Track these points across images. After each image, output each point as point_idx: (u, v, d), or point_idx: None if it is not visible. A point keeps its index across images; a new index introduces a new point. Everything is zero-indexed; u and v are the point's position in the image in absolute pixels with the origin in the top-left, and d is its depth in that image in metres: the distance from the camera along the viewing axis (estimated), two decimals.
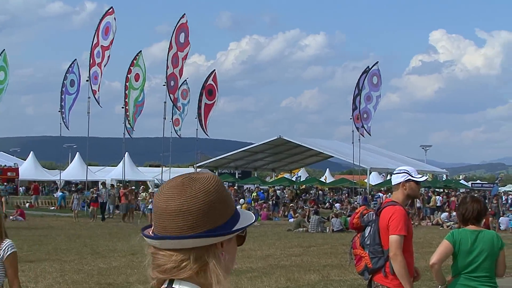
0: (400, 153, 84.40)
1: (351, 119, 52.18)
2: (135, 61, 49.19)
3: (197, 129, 57.17)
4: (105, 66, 46.91)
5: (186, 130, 60.88)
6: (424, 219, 42.34)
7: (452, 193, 52.38)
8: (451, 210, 40.29)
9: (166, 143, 54.09)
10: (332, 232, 32.37)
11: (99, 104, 47.96)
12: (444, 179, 70.65)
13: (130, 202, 39.45)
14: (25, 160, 72.20)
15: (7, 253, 6.06)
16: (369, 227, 6.82)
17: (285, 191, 61.51)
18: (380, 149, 78.72)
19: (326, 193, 67.77)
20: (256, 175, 78.02)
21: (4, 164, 70.01)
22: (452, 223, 35.19)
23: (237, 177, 72.20)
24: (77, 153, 69.08)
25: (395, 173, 6.90)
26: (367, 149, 64.40)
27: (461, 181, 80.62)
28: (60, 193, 54.97)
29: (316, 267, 17.71)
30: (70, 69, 50.80)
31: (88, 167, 55.71)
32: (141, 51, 50.94)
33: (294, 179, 75.86)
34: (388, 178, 61.65)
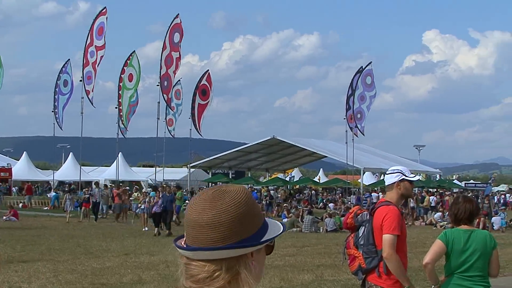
0: (393, 153, 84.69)
1: (344, 119, 52.23)
2: (128, 61, 49.14)
3: (190, 129, 57.19)
4: (98, 65, 46.85)
5: (179, 130, 60.87)
6: (417, 219, 42.39)
7: (446, 193, 52.44)
8: (444, 210, 40.32)
9: (159, 143, 54.05)
10: (325, 232, 32.39)
11: (92, 104, 47.90)
12: (437, 179, 70.81)
13: (123, 202, 39.44)
14: (19, 160, 71.96)
15: None
16: (363, 227, 6.82)
17: (278, 191, 61.49)
18: (373, 149, 78.89)
19: (319, 193, 67.76)
20: (249, 175, 77.99)
21: None
22: (445, 223, 35.20)
23: (230, 177, 72.11)
24: (71, 153, 69.02)
25: (389, 173, 6.90)
26: (361, 149, 64.53)
27: (454, 181, 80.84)
28: (53, 193, 54.91)
29: (310, 267, 17.70)
30: (63, 69, 50.71)
31: (81, 167, 55.67)
32: (134, 51, 50.89)
33: (287, 179, 75.88)
34: (381, 178, 61.71)
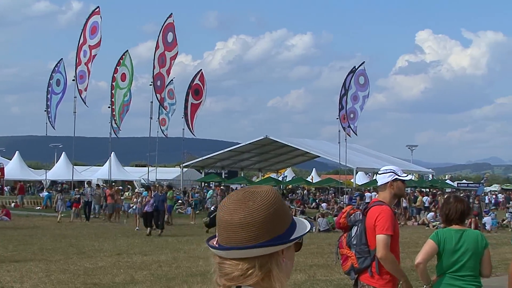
0: (386, 153, 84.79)
1: (337, 119, 52.26)
2: (121, 61, 49.10)
3: (183, 129, 57.25)
4: (91, 64, 46.75)
5: (172, 129, 60.85)
6: (410, 219, 42.43)
7: (438, 193, 52.48)
8: (437, 210, 40.33)
9: (152, 143, 54.04)
10: (318, 232, 32.35)
11: (85, 103, 47.82)
12: (430, 179, 70.94)
13: (116, 202, 39.37)
14: (11, 159, 71.72)
15: None
16: (356, 227, 6.82)
17: None
18: (366, 149, 78.97)
19: (311, 192, 67.72)
20: (242, 175, 77.94)
21: None
22: (438, 223, 35.19)
23: (223, 177, 72.10)
24: (63, 152, 68.84)
25: (381, 173, 6.89)
26: (354, 149, 64.58)
27: (447, 181, 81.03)
28: (46, 193, 54.76)
29: (302, 267, 17.69)
30: (56, 68, 50.59)
31: (74, 166, 55.50)
32: (127, 50, 50.85)
33: (280, 179, 75.88)
34: (374, 178, 61.74)
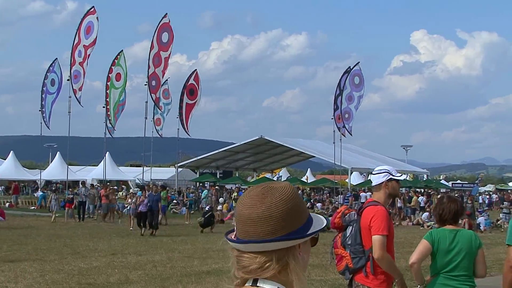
0: (381, 153, 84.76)
1: (332, 119, 52.27)
2: (116, 61, 49.02)
3: (178, 129, 57.23)
4: (87, 63, 46.65)
5: (167, 129, 60.91)
6: (404, 219, 42.50)
7: (432, 193, 52.54)
8: (432, 210, 40.42)
9: (147, 143, 53.91)
10: None
11: (80, 103, 47.70)
12: (424, 179, 70.98)
13: (111, 202, 39.34)
14: (5, 159, 71.53)
15: None
16: (351, 227, 6.82)
17: None
18: (361, 149, 78.97)
19: (305, 192, 67.55)
20: (237, 175, 77.96)
21: None
22: (432, 223, 35.30)
23: (218, 177, 72.12)
24: (58, 152, 68.68)
25: (376, 173, 6.88)
26: (348, 149, 64.54)
27: (441, 181, 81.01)
28: (40, 193, 54.71)
29: None
30: (51, 68, 50.47)
31: (68, 166, 55.45)
32: (122, 50, 50.76)
33: (275, 179, 75.82)
34: (369, 178, 61.78)
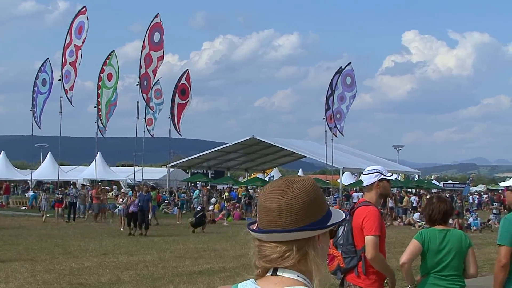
0: (372, 153, 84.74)
1: (324, 119, 52.32)
2: (108, 61, 48.97)
3: (170, 129, 57.21)
4: (79, 65, 46.57)
5: (159, 129, 60.76)
6: (396, 219, 42.59)
7: (421, 193, 52.63)
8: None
9: (139, 143, 53.91)
10: None
11: (71, 103, 47.61)
12: (416, 179, 71.10)
13: (102, 202, 39.31)
14: None
15: None
16: (342, 227, 6.80)
17: (256, 191, 61.18)
18: (352, 149, 78.96)
19: None
20: (229, 175, 77.92)
21: None
22: (423, 223, 35.32)
23: (210, 177, 72.09)
24: (49, 152, 68.59)
25: (367, 173, 6.88)
26: (340, 149, 64.62)
27: (433, 181, 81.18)
28: (31, 193, 54.57)
29: None
30: (42, 68, 50.37)
31: (60, 166, 55.33)
32: (114, 50, 50.72)
33: (267, 179, 75.78)
34: (360, 178, 61.78)
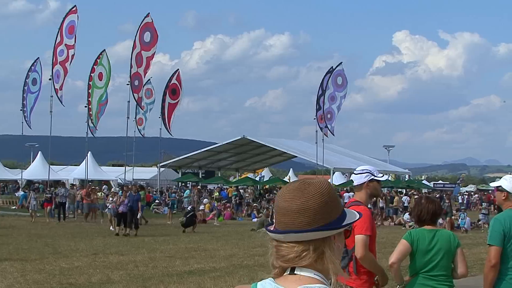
0: (363, 153, 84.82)
1: (314, 119, 52.32)
2: (98, 60, 48.85)
3: (160, 129, 57.20)
4: (70, 64, 46.45)
5: (149, 129, 60.83)
6: (386, 219, 42.66)
7: (410, 193, 52.68)
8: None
9: (129, 143, 53.76)
10: None
11: (61, 103, 47.49)
12: (406, 179, 71.24)
13: (92, 201, 39.24)
14: None
15: None
16: None
17: (246, 190, 61.22)
18: (343, 149, 79.05)
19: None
20: (219, 175, 77.92)
21: None
22: (414, 223, 35.43)
23: (200, 176, 72.09)
24: (39, 152, 68.34)
25: (357, 173, 6.91)
26: (331, 149, 64.66)
27: (423, 181, 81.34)
28: (21, 193, 54.42)
29: None
30: (32, 67, 50.22)
31: (50, 166, 55.16)
32: (104, 50, 50.59)
33: (257, 179, 75.82)
34: (351, 178, 61.78)
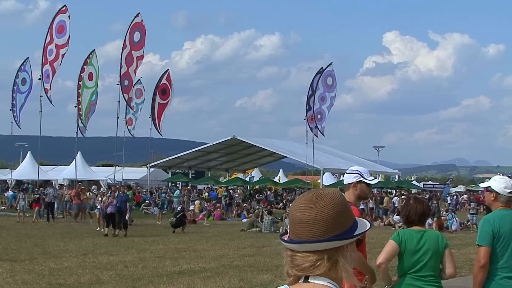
0: (353, 153, 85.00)
1: (305, 119, 52.41)
2: (88, 60, 48.79)
3: (150, 129, 57.13)
4: (60, 64, 46.33)
5: (139, 129, 60.58)
6: (376, 220, 42.73)
7: (397, 194, 52.79)
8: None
9: (119, 143, 53.74)
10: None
11: (51, 102, 47.39)
12: (396, 180, 71.39)
13: (82, 202, 39.17)
14: None
15: None
16: None
17: (236, 191, 61.19)
18: (333, 149, 79.10)
19: (279, 193, 67.63)
20: (209, 175, 77.91)
21: None
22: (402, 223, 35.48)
23: (190, 177, 72.04)
24: (29, 152, 68.17)
25: (348, 172, 6.86)
26: (321, 149, 64.76)
27: (413, 182, 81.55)
28: (11, 193, 54.26)
29: (269, 267, 17.74)
30: (22, 67, 50.10)
31: (39, 166, 55.02)
32: (94, 50, 50.56)
33: (247, 179, 75.89)
34: (341, 178, 61.93)
